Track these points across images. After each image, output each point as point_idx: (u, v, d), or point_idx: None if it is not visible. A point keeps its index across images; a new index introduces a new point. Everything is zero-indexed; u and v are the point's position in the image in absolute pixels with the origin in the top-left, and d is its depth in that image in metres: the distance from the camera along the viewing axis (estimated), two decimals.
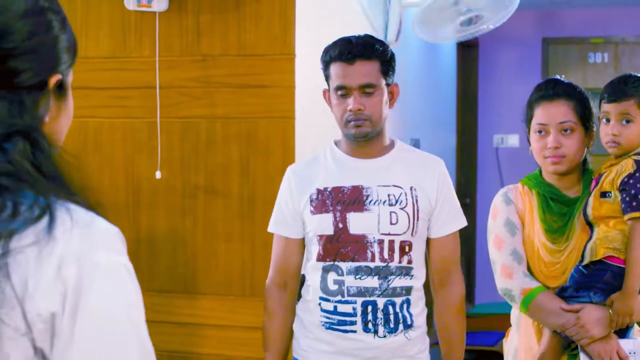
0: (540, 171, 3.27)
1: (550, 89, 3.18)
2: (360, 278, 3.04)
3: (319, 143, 4.22)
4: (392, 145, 3.22)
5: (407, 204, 3.08)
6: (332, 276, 3.08)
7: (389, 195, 3.08)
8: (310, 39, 4.19)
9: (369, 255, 3.04)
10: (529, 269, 3.18)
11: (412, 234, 3.08)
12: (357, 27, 4.82)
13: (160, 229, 4.27)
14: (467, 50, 8.86)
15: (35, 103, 1.37)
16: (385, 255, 3.05)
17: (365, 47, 3.08)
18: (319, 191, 3.13)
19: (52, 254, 1.27)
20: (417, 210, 3.09)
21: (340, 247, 3.07)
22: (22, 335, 1.24)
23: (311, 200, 3.13)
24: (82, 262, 1.28)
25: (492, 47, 8.91)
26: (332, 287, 3.08)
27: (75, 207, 1.34)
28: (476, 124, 9.12)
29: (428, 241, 3.19)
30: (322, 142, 3.35)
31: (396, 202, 3.07)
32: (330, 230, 3.08)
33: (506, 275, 3.16)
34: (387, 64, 3.11)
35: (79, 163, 1.42)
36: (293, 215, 3.18)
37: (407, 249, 3.08)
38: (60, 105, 1.45)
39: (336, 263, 3.07)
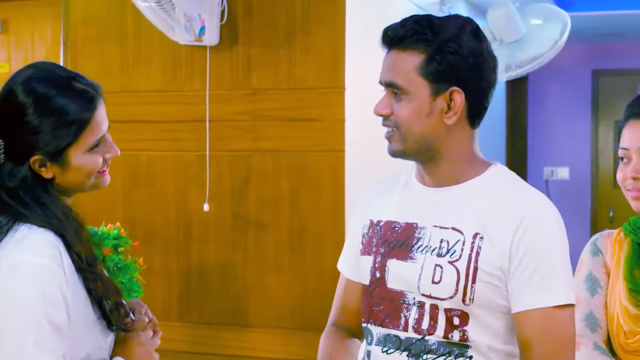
0: None
1: (638, 105, 2.36)
2: (387, 352, 2.13)
3: (369, 176, 4.21)
4: (482, 170, 2.18)
5: (460, 256, 2.06)
6: (364, 344, 2.23)
7: (441, 242, 2.09)
8: (360, 72, 4.20)
9: (402, 321, 2.12)
10: (609, 339, 2.37)
11: (463, 300, 2.05)
12: None
13: (210, 262, 4.28)
14: (517, 84, 8.81)
15: (18, 172, 1.96)
16: (423, 325, 2.09)
17: (406, 29, 2.07)
18: (371, 224, 2.24)
19: None
20: (475, 268, 2.04)
21: (374, 304, 2.18)
22: None
23: (363, 235, 2.26)
24: None
25: (541, 80, 8.87)
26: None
27: (37, 229, 1.91)
28: (526, 156, 9.06)
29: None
30: (373, 175, 3.30)
31: (447, 252, 2.08)
32: (366, 279, 2.20)
33: None
34: (439, 59, 2.05)
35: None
36: (355, 252, 2.30)
37: (456, 320, 2.07)
38: (64, 167, 1.98)
39: (368, 326, 2.20)
